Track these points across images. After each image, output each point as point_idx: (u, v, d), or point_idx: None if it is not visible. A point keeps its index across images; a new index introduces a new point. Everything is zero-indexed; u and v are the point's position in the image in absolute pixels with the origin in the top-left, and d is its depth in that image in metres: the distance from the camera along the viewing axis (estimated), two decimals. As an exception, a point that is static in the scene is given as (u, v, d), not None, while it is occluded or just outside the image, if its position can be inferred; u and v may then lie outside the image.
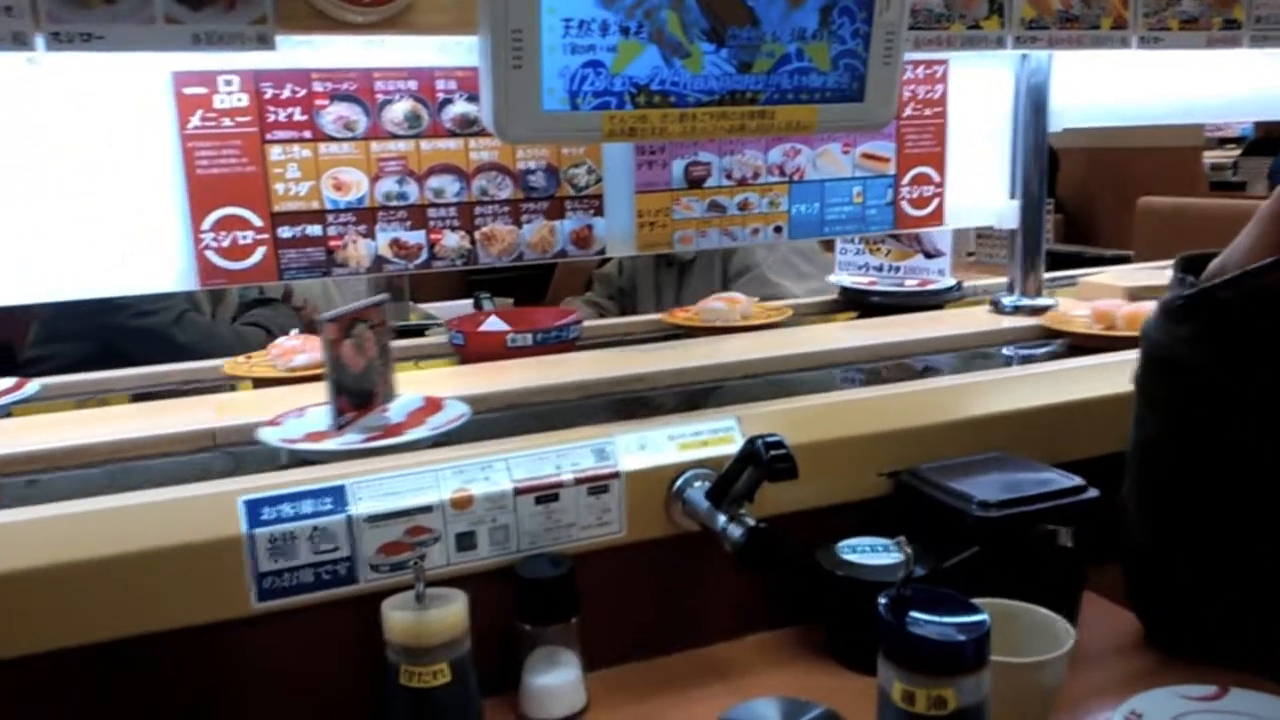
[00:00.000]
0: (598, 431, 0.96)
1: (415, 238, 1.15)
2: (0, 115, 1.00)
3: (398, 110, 1.11)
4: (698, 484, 0.94)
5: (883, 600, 0.68)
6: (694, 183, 1.26)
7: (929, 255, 1.67)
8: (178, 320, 2.00)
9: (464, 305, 2.70)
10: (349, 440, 0.97)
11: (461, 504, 0.88)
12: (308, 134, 1.08)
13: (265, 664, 0.86)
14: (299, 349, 1.33)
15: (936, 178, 1.42)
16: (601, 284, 2.49)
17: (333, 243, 1.11)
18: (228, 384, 1.34)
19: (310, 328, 2.41)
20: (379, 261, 1.14)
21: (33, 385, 1.22)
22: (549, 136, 0.94)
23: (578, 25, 0.78)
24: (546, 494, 0.90)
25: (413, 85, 1.10)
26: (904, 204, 1.40)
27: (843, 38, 0.88)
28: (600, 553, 0.93)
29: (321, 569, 0.84)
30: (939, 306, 1.66)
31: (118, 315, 1.95)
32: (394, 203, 1.13)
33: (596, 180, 1.21)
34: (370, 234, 1.13)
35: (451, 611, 0.80)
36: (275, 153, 1.07)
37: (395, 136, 1.11)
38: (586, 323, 1.51)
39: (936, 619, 0.66)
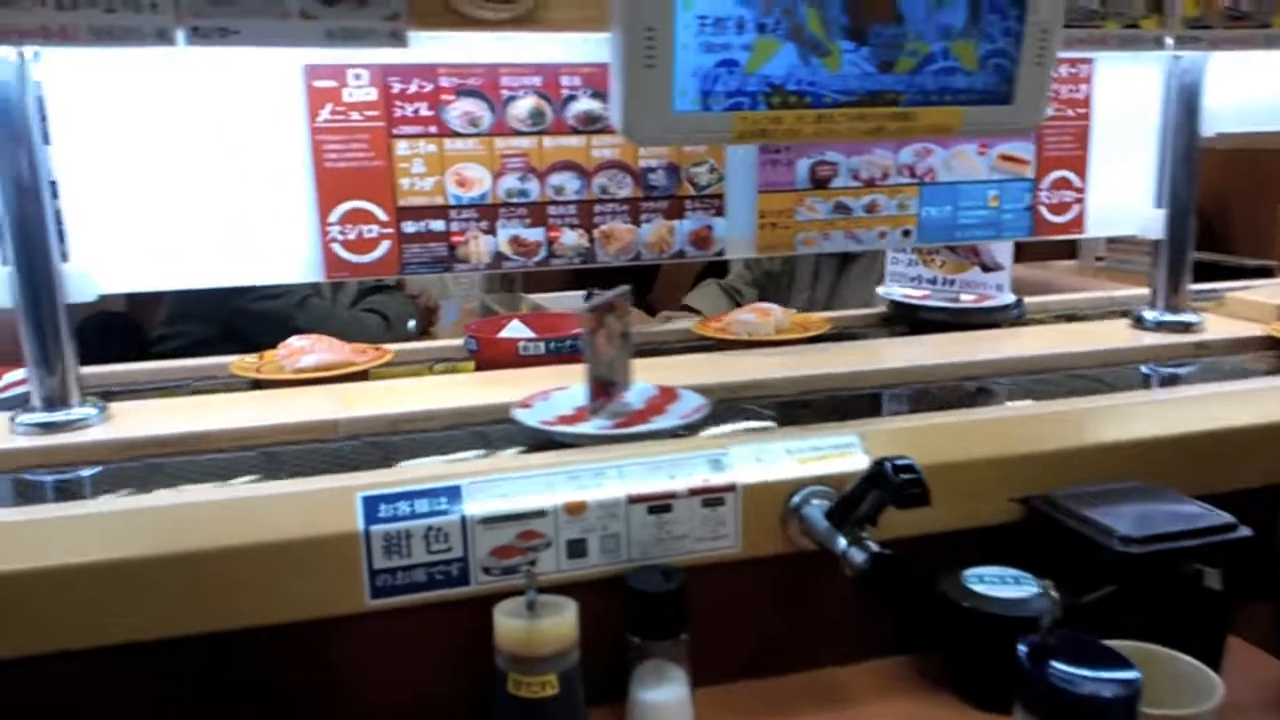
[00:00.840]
0: (712, 442, 0.93)
1: (534, 235, 1.13)
2: (138, 105, 1.01)
3: (522, 106, 1.09)
4: (816, 501, 0.90)
5: (1023, 647, 0.63)
6: (819, 183, 1.21)
7: (987, 268, 1.51)
8: (300, 304, 2.05)
9: (574, 297, 2.70)
10: (601, 425, 0.98)
11: (574, 510, 0.86)
12: (433, 129, 1.07)
13: (375, 662, 0.86)
14: (307, 350, 1.26)
15: (1078, 182, 1.34)
16: (749, 266, 2.33)
17: (455, 238, 1.10)
18: (234, 383, 1.27)
19: (427, 315, 2.46)
20: (498, 258, 1.13)
21: None
22: (678, 138, 0.91)
23: (713, 23, 0.75)
24: (659, 504, 0.88)
25: (537, 81, 1.09)
26: (1042, 209, 1.32)
27: (992, 36, 0.82)
28: (712, 567, 0.90)
29: (435, 569, 0.83)
30: (996, 325, 1.51)
31: (241, 298, 2.01)
32: (515, 199, 1.11)
33: (718, 179, 1.17)
34: (491, 230, 1.12)
35: (562, 622, 0.78)
36: (402, 147, 1.07)
37: (519, 133, 1.10)
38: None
39: (1083, 672, 0.61)
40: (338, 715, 0.87)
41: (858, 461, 0.93)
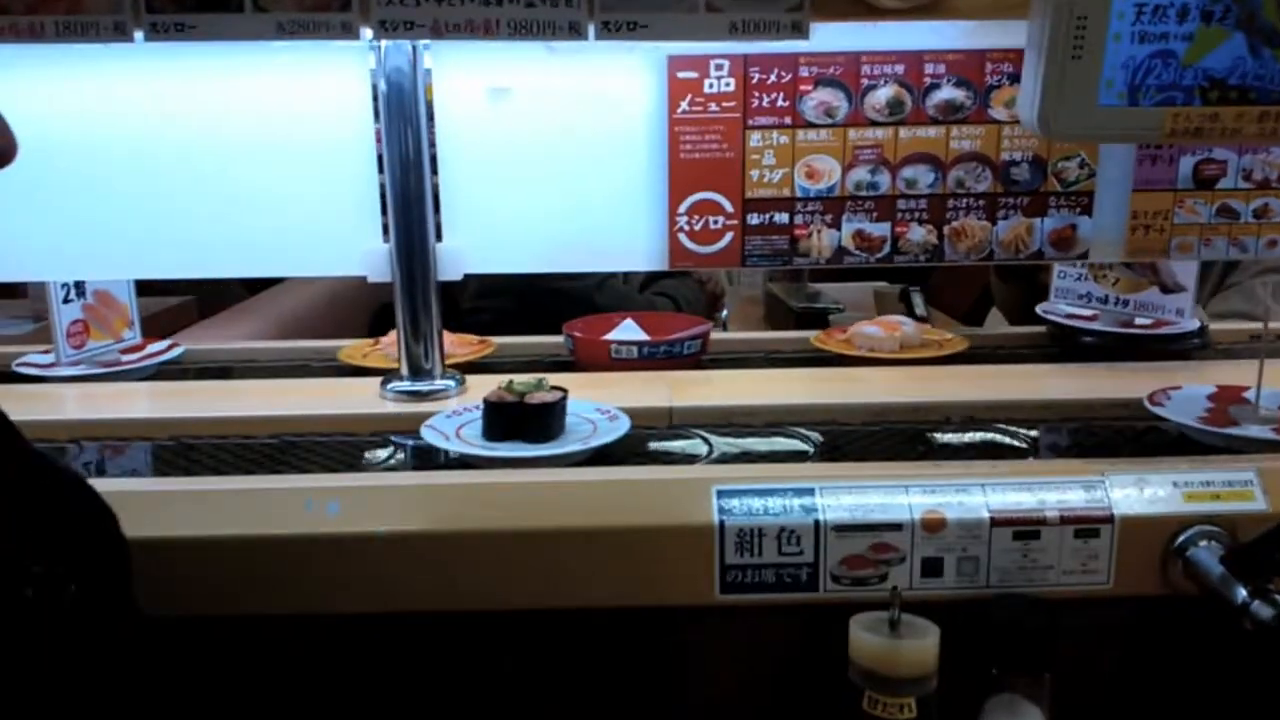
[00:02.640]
0: (1087, 467, 0.86)
1: (880, 230, 1.10)
2: (506, 101, 1.07)
3: (880, 96, 1.06)
4: (1204, 543, 0.81)
5: None
6: (1204, 183, 1.09)
7: (1167, 289, 1.30)
8: (600, 286, 2.11)
9: (863, 289, 2.63)
10: (1260, 430, 0.95)
11: (933, 526, 0.82)
12: (788, 120, 1.06)
13: (717, 656, 0.87)
14: None
15: None
16: None
17: (798, 231, 1.09)
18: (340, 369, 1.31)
19: (711, 301, 2.48)
20: (840, 253, 1.10)
21: (178, 349, 1.35)
22: (1099, 135, 0.85)
23: (1151, 11, 0.68)
24: (1027, 530, 0.82)
25: (899, 70, 1.05)
26: None
27: None
28: (1077, 602, 0.83)
29: (784, 571, 0.83)
30: (1177, 355, 1.29)
31: (545, 276, 2.09)
32: (864, 193, 1.08)
33: (1088, 175, 1.09)
34: (835, 224, 1.09)
35: (925, 646, 0.75)
36: (755, 139, 1.06)
37: (874, 124, 1.06)
38: (718, 335, 1.34)
39: None
40: (672, 702, 0.88)
41: (1254, 502, 0.84)
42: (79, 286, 1.26)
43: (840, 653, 0.79)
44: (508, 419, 0.95)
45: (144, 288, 1.35)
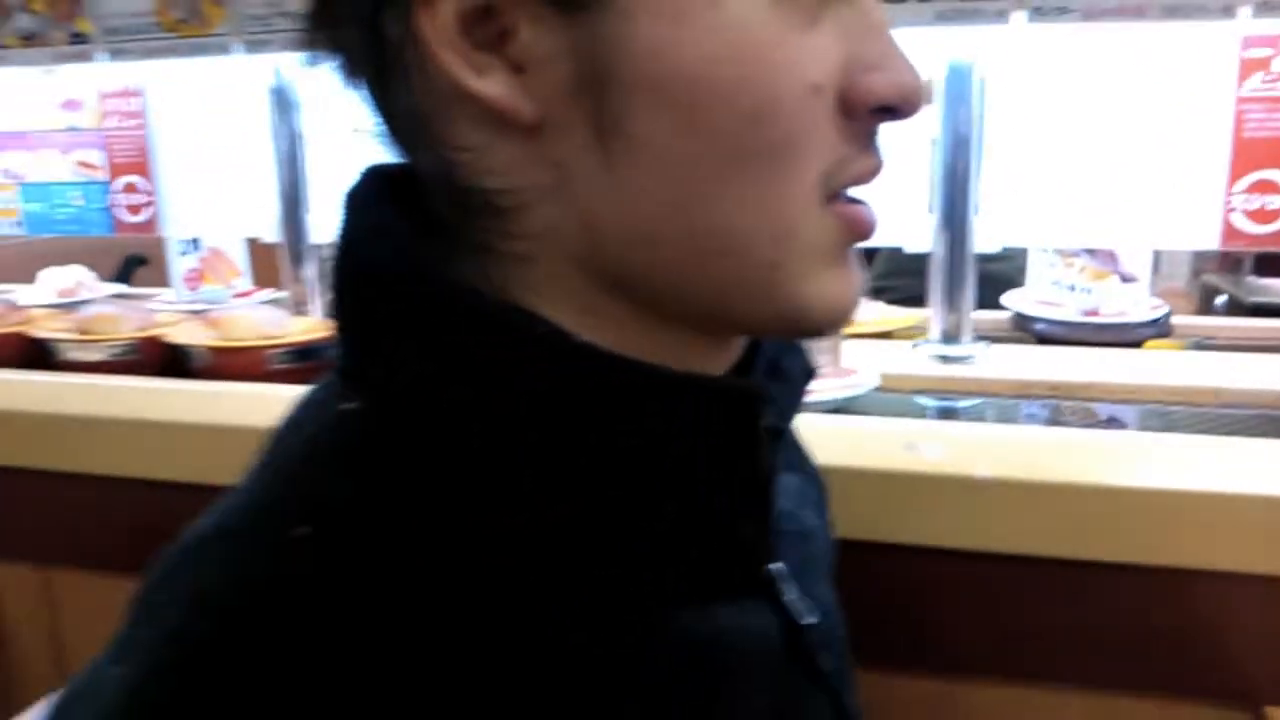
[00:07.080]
0: None
1: None
2: (1062, 70, 1.17)
3: None
4: None
5: None
6: None
7: (1125, 279, 1.36)
8: (1023, 269, 2.15)
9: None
10: None
11: None
12: (1356, 96, 1.09)
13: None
14: None
15: None
16: None
17: (1365, 215, 1.12)
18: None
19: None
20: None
21: None
22: None
23: None
24: None
25: None
26: None
27: None
28: None
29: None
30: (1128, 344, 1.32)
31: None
32: None
33: None
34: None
35: None
36: (1328, 117, 1.10)
37: None
38: None
39: None
40: (1210, 663, 0.95)
41: None
42: (194, 242, 1.68)
43: None
44: None
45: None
